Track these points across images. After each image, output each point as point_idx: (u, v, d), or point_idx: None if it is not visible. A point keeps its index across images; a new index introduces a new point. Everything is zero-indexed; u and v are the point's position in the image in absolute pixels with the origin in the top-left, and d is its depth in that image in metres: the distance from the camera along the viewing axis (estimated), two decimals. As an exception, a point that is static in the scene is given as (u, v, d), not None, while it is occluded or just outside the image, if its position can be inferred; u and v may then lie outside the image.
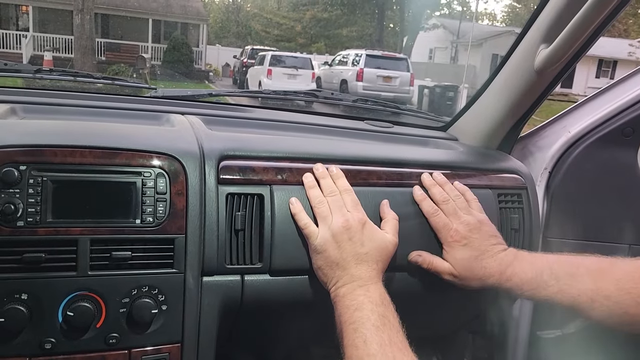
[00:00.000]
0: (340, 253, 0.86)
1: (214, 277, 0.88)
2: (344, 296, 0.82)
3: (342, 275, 0.85)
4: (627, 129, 1.18)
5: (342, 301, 0.81)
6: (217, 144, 0.94)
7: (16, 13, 20.48)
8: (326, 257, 0.86)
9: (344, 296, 0.82)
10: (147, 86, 1.48)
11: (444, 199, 0.99)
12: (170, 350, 0.85)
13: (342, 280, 0.84)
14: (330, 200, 0.91)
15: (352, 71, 15.30)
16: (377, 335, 0.74)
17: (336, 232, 0.87)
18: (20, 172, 0.76)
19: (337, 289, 0.84)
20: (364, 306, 0.78)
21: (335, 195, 0.92)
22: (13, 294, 0.76)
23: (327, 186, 0.93)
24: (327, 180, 0.94)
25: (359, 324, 0.76)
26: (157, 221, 0.83)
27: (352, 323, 0.77)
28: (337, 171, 0.96)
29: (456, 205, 0.99)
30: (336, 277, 0.85)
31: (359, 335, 0.74)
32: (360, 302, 0.79)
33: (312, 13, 33.46)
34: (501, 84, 1.21)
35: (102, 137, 0.86)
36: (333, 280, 0.85)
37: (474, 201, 1.02)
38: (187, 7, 21.98)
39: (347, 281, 0.84)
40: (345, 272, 0.85)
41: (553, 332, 1.25)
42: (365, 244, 0.87)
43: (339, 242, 0.86)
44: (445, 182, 1.03)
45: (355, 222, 0.88)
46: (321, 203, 0.91)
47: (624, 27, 30.98)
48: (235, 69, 20.47)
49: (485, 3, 58.20)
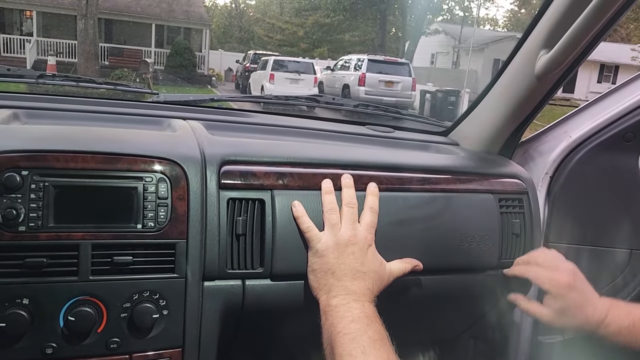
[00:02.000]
0: (339, 263, 0.85)
1: (215, 282, 0.88)
2: (338, 307, 0.81)
3: (335, 285, 0.84)
4: (628, 134, 1.18)
5: (335, 311, 0.80)
6: (218, 149, 0.94)
7: (20, 18, 20.58)
8: (324, 262, 0.86)
9: (337, 306, 0.81)
10: (149, 91, 1.49)
11: None
12: (172, 355, 0.85)
13: (334, 290, 0.83)
14: (346, 210, 0.90)
15: (354, 76, 15.32)
16: (375, 348, 0.73)
17: (340, 242, 0.86)
18: (22, 177, 0.77)
19: (329, 299, 0.83)
20: (361, 320, 0.78)
21: (353, 207, 0.91)
22: (14, 299, 0.76)
23: (349, 196, 0.92)
24: (351, 191, 0.93)
25: (356, 334, 0.75)
26: (158, 226, 0.83)
27: (349, 334, 0.76)
28: (374, 189, 0.96)
29: None
30: (329, 285, 0.84)
31: (356, 346, 0.74)
32: (357, 315, 0.79)
33: (315, 18, 33.53)
34: (502, 89, 1.21)
35: (104, 142, 0.86)
36: (325, 288, 0.85)
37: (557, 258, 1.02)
38: (190, 12, 22.06)
39: (340, 292, 0.83)
40: (340, 283, 0.84)
41: (554, 337, 1.25)
42: (366, 264, 0.86)
43: (341, 252, 0.86)
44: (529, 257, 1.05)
45: (361, 239, 0.88)
46: (333, 210, 0.90)
47: (626, 31, 30.98)
48: (238, 74, 20.53)
49: (486, 9, 58.32)
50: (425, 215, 1.00)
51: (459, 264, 1.02)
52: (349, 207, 0.91)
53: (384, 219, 0.95)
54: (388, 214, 0.97)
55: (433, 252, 0.98)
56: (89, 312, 0.78)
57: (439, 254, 0.98)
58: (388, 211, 0.97)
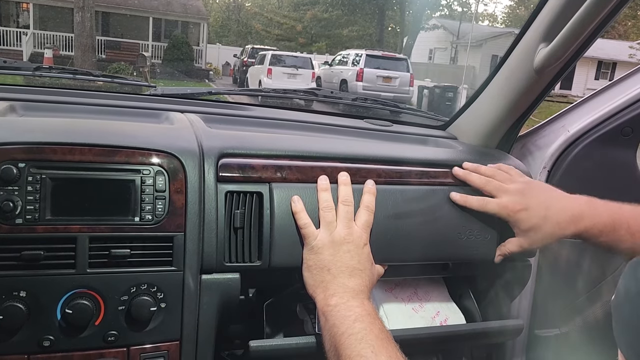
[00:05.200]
0: (334, 260, 0.85)
1: (212, 275, 0.88)
2: (337, 306, 0.79)
3: (331, 282, 0.83)
4: (626, 128, 1.18)
5: (336, 311, 0.79)
6: (216, 142, 0.94)
7: (17, 10, 20.45)
8: (320, 259, 0.85)
9: (336, 306, 0.79)
10: (146, 84, 1.48)
11: (485, 179, 0.98)
12: (169, 348, 0.85)
13: (331, 288, 0.82)
14: (341, 208, 0.90)
15: (352, 71, 15.29)
16: (384, 347, 0.72)
17: (336, 239, 0.86)
18: (19, 169, 0.76)
19: (327, 298, 0.81)
20: (364, 318, 0.76)
21: (349, 205, 0.90)
22: (11, 292, 0.76)
23: (345, 194, 0.92)
24: (347, 189, 0.93)
25: (363, 334, 0.73)
26: (156, 219, 0.83)
27: (354, 334, 0.74)
28: (371, 187, 0.95)
29: (498, 180, 0.98)
30: (325, 283, 0.83)
31: (365, 346, 0.72)
32: (359, 314, 0.77)
33: (313, 13, 33.43)
34: (500, 82, 1.21)
35: (102, 134, 0.86)
36: (321, 285, 0.84)
37: (512, 169, 1.02)
38: (187, 5, 21.96)
39: (338, 290, 0.82)
40: (336, 280, 0.83)
41: (551, 330, 1.25)
42: (361, 262, 0.86)
43: (336, 250, 0.85)
44: (478, 166, 1.03)
45: (357, 238, 0.87)
46: (328, 208, 0.90)
47: (623, 28, 30.97)
48: (236, 68, 20.45)
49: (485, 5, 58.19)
50: (424, 208, 1.00)
51: (457, 256, 1.02)
52: (345, 205, 0.90)
53: (382, 212, 0.95)
54: (386, 207, 0.97)
55: (431, 245, 0.99)
56: (87, 305, 0.78)
57: (437, 247, 0.98)
58: (386, 204, 0.97)
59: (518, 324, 1.11)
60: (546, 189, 0.95)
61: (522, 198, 0.92)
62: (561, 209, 0.90)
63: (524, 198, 0.92)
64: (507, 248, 0.98)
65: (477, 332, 1.09)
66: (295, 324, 1.08)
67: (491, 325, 1.10)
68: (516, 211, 0.92)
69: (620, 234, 0.86)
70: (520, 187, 0.94)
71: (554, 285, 1.27)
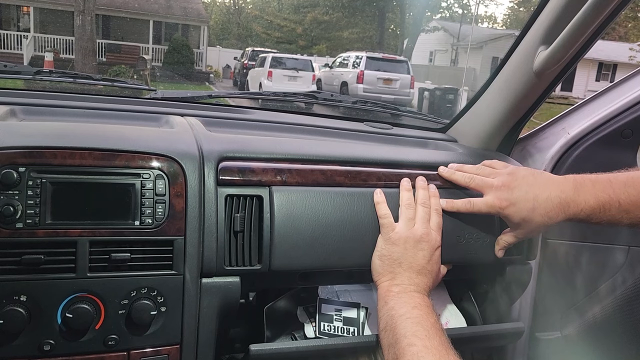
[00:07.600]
0: (408, 256, 0.89)
1: (213, 279, 0.88)
2: (400, 293, 0.85)
3: (399, 273, 0.88)
4: (626, 131, 1.18)
5: (398, 297, 0.84)
6: (216, 145, 0.94)
7: (17, 14, 20.50)
8: (394, 250, 0.89)
9: (399, 293, 0.85)
10: (146, 87, 1.49)
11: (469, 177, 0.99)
12: (170, 351, 0.85)
13: (399, 278, 0.87)
14: (420, 209, 0.94)
15: (352, 73, 15.30)
16: (437, 335, 0.76)
17: (414, 236, 0.90)
18: (19, 173, 0.77)
19: (391, 285, 0.87)
20: (422, 308, 0.82)
21: (427, 207, 0.95)
22: (12, 296, 0.76)
23: (423, 197, 0.96)
24: (425, 192, 0.97)
25: (420, 319, 0.79)
26: (156, 223, 0.83)
27: (412, 317, 0.79)
28: (434, 190, 0.99)
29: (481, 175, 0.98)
30: (394, 273, 0.88)
31: (420, 329, 0.76)
32: (419, 303, 0.82)
33: (313, 15, 33.49)
34: (500, 85, 1.21)
35: (102, 138, 0.86)
36: (389, 275, 0.88)
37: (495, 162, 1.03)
38: (188, 8, 22.01)
39: (404, 282, 0.87)
40: (405, 273, 0.88)
41: (552, 333, 1.25)
42: (431, 263, 0.91)
43: (412, 246, 0.89)
44: (461, 165, 1.05)
45: (433, 239, 0.92)
46: (411, 206, 0.94)
47: (624, 30, 30.98)
48: (236, 71, 20.48)
49: (485, 7, 58.26)
50: None
51: (457, 260, 1.02)
52: (424, 207, 0.95)
53: None
54: None
55: None
56: (87, 309, 0.78)
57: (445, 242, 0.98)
58: None
59: (519, 327, 1.11)
60: (531, 176, 0.93)
61: (508, 192, 0.92)
62: (548, 199, 0.89)
63: (510, 192, 0.92)
64: (504, 240, 1.00)
65: (478, 335, 1.09)
66: (295, 327, 1.08)
67: (492, 328, 1.10)
68: (504, 207, 0.92)
69: (612, 214, 0.86)
70: (504, 179, 0.93)
71: (555, 288, 1.27)
